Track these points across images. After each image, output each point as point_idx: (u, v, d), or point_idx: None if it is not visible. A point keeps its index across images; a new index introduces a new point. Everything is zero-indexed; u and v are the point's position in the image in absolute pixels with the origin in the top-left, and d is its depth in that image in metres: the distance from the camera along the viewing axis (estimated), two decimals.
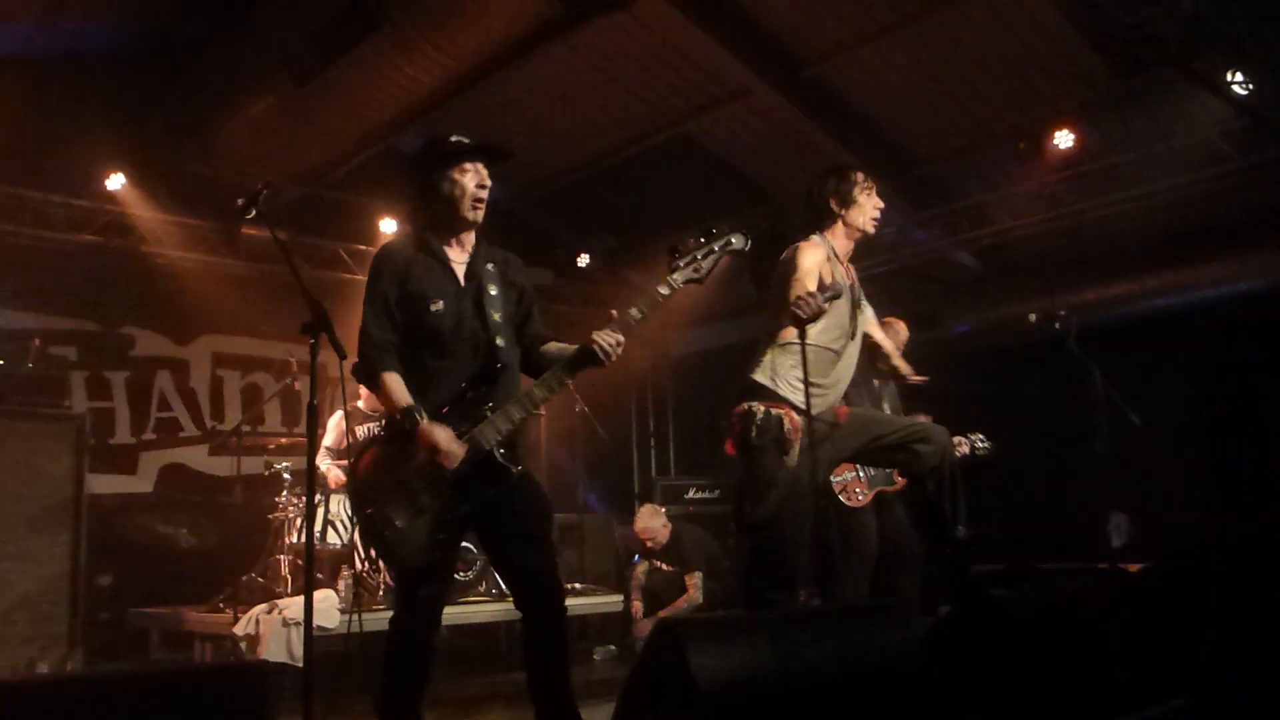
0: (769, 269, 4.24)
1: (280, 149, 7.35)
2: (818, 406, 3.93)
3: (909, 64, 7.75)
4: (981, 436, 5.62)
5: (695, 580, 7.17)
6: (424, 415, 3.18)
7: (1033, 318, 5.06)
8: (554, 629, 3.29)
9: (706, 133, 8.94)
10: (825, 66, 7.92)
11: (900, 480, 5.92)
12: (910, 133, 8.52)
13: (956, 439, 5.16)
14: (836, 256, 4.20)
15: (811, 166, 8.93)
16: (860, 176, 4.26)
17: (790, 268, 4.01)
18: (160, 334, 8.50)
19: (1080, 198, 7.69)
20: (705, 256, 3.30)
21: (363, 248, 8.91)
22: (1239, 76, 6.16)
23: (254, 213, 3.32)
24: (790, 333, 3.94)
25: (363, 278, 8.87)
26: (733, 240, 3.35)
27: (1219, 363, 6.83)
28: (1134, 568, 6.06)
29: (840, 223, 4.21)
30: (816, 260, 4.04)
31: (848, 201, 4.20)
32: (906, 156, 8.79)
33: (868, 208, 4.22)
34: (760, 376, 4.06)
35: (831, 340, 4.07)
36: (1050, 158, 7.45)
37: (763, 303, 4.35)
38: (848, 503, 6.05)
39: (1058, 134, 7.25)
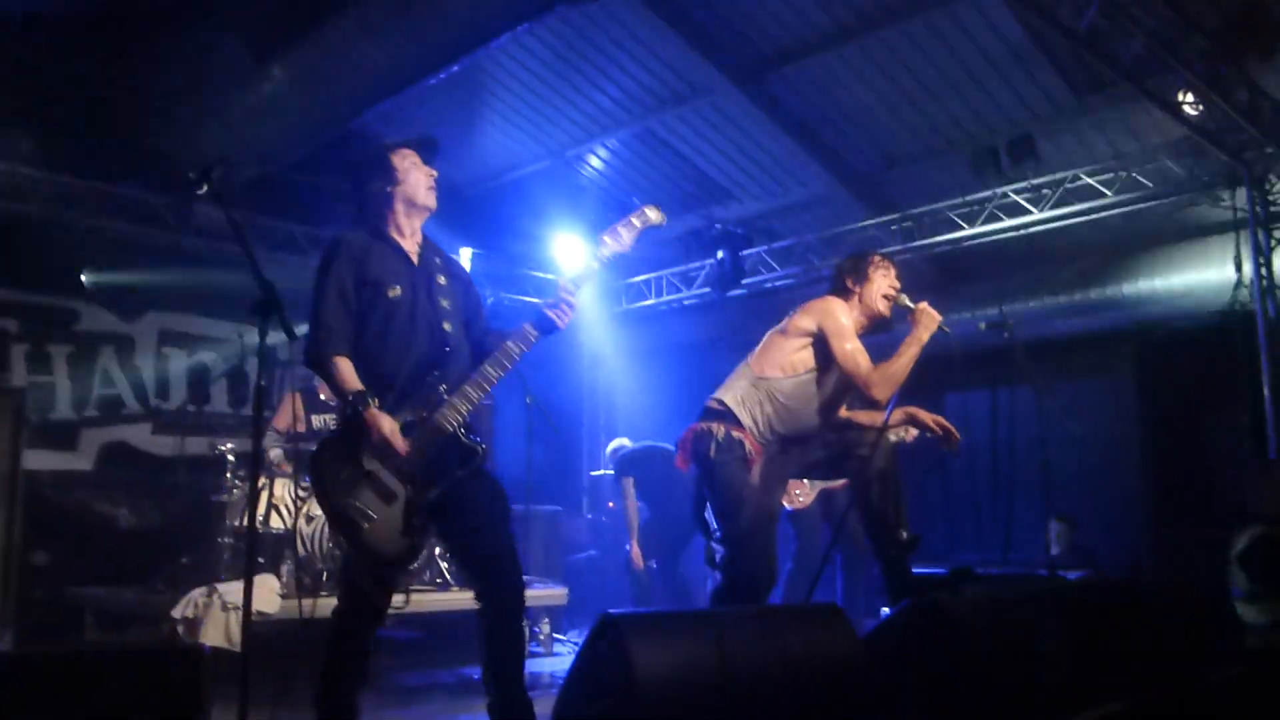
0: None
1: (237, 126, 7.24)
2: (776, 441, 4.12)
3: (871, 71, 7.82)
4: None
5: None
6: (374, 400, 3.18)
7: (983, 326, 5.12)
8: (513, 618, 3.30)
9: (670, 129, 8.95)
10: (788, 69, 7.97)
11: (840, 480, 5.99)
12: (870, 138, 8.60)
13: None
14: None
15: (773, 168, 9.05)
16: (877, 258, 4.37)
17: (833, 322, 4.09)
18: (106, 309, 8.34)
19: (1034, 207, 7.81)
20: (627, 230, 3.53)
21: (318, 230, 8.82)
22: (1189, 97, 6.28)
23: (206, 189, 3.29)
24: (778, 376, 4.08)
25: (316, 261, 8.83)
26: (649, 215, 3.59)
27: (1161, 376, 6.96)
28: (1072, 575, 6.16)
29: (857, 299, 4.27)
30: (853, 319, 4.16)
31: (862, 278, 4.28)
32: (865, 162, 8.87)
33: (882, 286, 4.28)
34: (729, 400, 4.12)
35: (810, 399, 4.15)
36: (1005, 169, 7.55)
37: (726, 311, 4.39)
38: (789, 506, 6.11)
39: (1013, 146, 7.35)
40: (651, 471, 7.40)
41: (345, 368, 3.24)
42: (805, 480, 5.93)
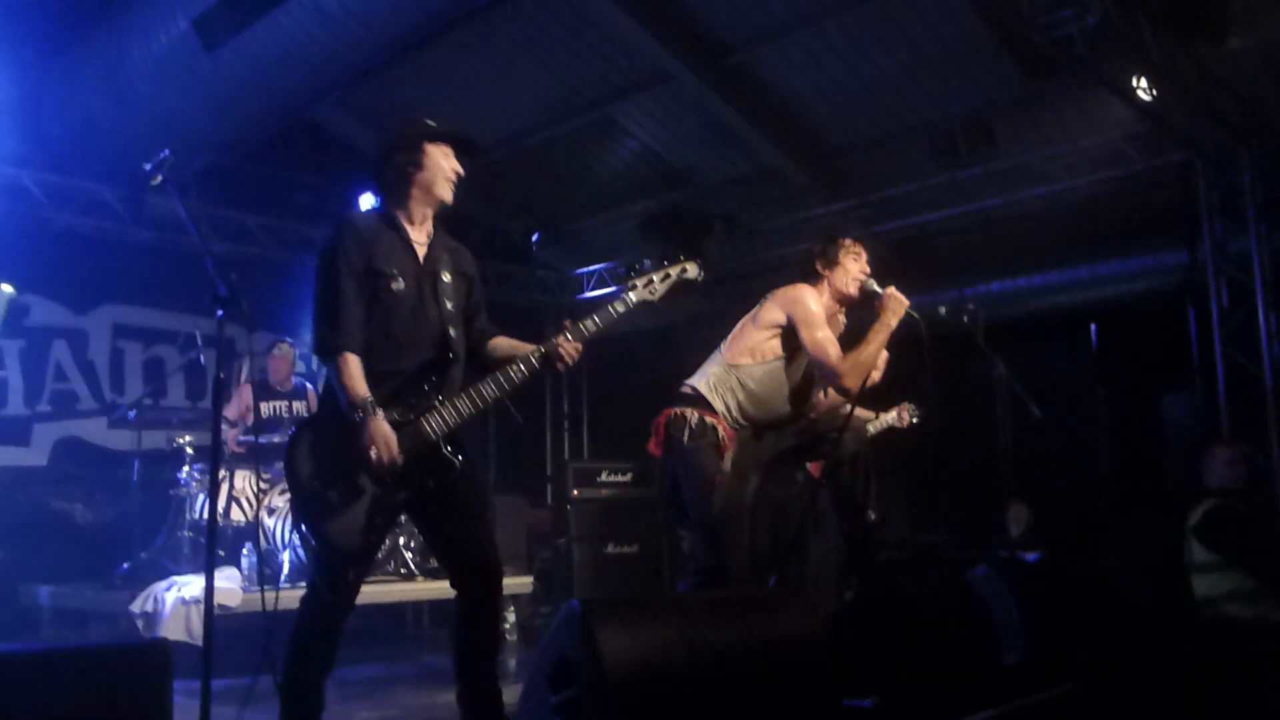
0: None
1: (189, 114, 7.12)
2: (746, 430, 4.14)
3: (830, 56, 7.84)
4: (912, 406, 5.81)
5: None
6: (377, 410, 3.09)
7: (943, 310, 5.18)
8: (490, 609, 3.28)
9: (628, 116, 8.93)
10: (747, 54, 7.96)
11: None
12: (829, 124, 8.62)
13: (897, 411, 5.61)
14: None
15: (733, 154, 9.06)
16: (849, 242, 4.37)
17: (802, 310, 4.10)
18: (57, 302, 8.19)
19: (991, 193, 7.88)
20: (662, 281, 3.46)
21: (273, 221, 8.72)
22: (1143, 82, 6.36)
23: (160, 179, 3.22)
24: (748, 362, 4.10)
25: (275, 254, 8.75)
26: (688, 269, 3.50)
27: (1118, 358, 7.06)
28: (1031, 556, 6.26)
29: (826, 283, 4.29)
30: (822, 305, 4.18)
31: (833, 262, 4.30)
32: (824, 147, 8.89)
33: (853, 270, 4.30)
34: (700, 386, 4.13)
35: (780, 386, 4.17)
36: (963, 153, 7.61)
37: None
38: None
39: (970, 131, 7.41)
40: None
41: (356, 368, 3.12)
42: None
